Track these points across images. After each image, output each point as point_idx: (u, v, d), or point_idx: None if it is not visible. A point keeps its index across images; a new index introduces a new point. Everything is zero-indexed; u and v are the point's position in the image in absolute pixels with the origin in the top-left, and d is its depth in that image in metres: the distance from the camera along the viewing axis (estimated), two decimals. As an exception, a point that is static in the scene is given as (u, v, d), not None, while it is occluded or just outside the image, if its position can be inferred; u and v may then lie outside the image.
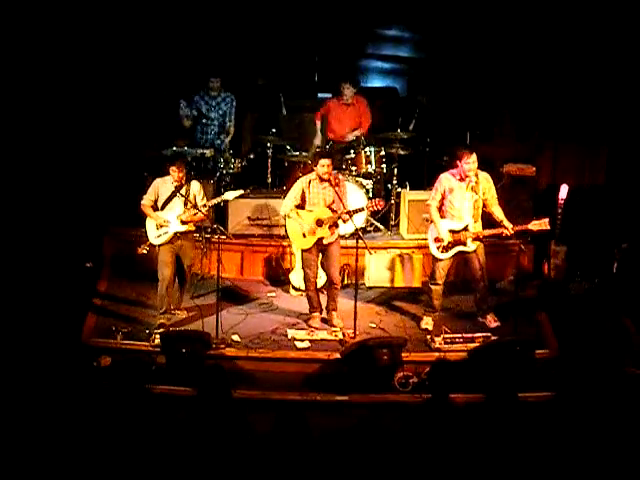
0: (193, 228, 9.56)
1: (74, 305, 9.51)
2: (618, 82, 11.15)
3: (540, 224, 9.24)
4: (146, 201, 9.44)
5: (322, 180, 9.35)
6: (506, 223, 9.24)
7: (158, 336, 8.94)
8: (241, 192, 9.76)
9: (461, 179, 9.31)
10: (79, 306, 9.56)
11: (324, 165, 9.29)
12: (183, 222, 9.36)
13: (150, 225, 9.44)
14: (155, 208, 9.47)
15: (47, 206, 10.52)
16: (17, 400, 7.71)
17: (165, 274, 9.37)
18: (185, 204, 9.35)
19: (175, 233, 9.36)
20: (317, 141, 11.41)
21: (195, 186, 9.45)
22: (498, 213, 9.33)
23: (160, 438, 6.79)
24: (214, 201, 9.65)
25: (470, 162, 9.19)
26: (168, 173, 9.36)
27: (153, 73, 11.78)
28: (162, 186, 9.41)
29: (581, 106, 11.32)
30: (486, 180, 9.37)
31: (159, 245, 9.39)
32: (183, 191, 9.35)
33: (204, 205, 9.39)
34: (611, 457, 7.04)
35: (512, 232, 9.20)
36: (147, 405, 7.10)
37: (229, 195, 9.64)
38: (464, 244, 9.34)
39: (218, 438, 6.64)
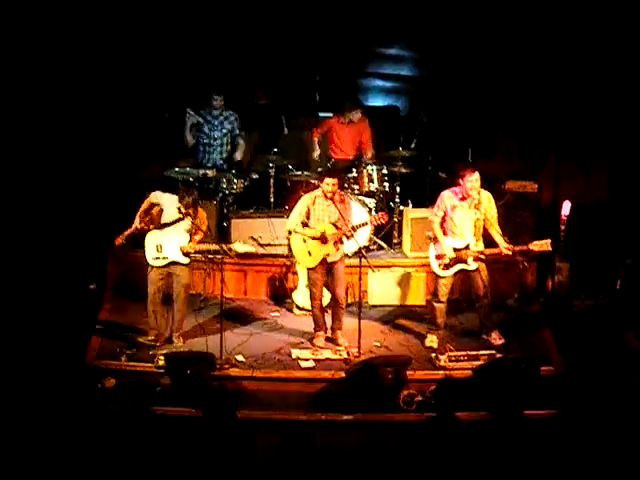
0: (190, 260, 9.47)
1: (78, 327, 9.50)
2: (618, 97, 11.17)
3: (541, 245, 9.22)
4: (152, 197, 9.40)
5: (327, 197, 9.37)
6: (503, 245, 9.23)
7: (162, 357, 8.92)
8: (252, 250, 9.58)
9: (463, 197, 9.33)
10: (83, 328, 9.55)
11: (329, 184, 9.31)
12: (185, 254, 9.32)
13: (150, 244, 9.36)
14: (155, 222, 9.42)
15: (51, 228, 10.53)
16: (21, 422, 7.69)
17: (152, 292, 9.37)
18: (191, 233, 9.29)
19: (174, 262, 9.35)
20: (315, 155, 11.43)
21: (202, 215, 9.42)
22: (496, 234, 9.32)
23: (165, 459, 6.77)
24: (222, 246, 9.53)
25: (472, 180, 9.21)
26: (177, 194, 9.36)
27: (155, 94, 11.82)
28: (168, 204, 9.33)
29: (582, 122, 11.33)
30: (488, 200, 9.39)
31: (154, 267, 9.37)
32: (194, 221, 9.28)
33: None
34: (618, 474, 7.02)
35: (511, 253, 9.22)
36: (152, 426, 7.08)
37: (238, 247, 9.43)
38: (465, 262, 9.34)
39: (223, 459, 6.63)
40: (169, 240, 9.32)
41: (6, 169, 10.62)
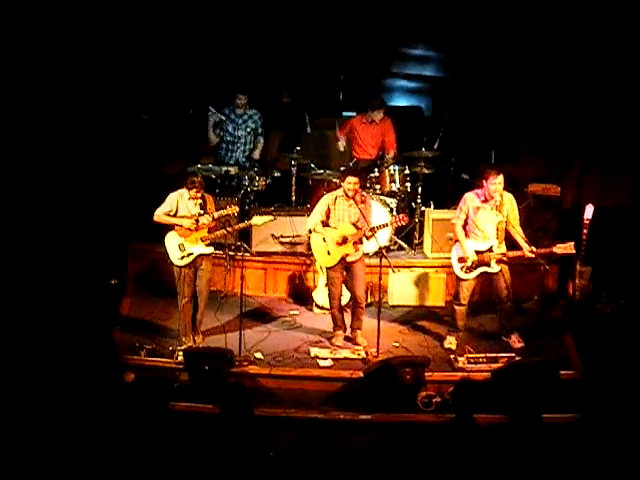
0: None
1: (99, 322, 9.52)
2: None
3: (565, 247, 9.19)
4: (160, 212, 9.32)
5: (348, 197, 9.37)
6: (526, 247, 9.19)
7: (181, 353, 8.95)
8: (270, 218, 9.70)
9: (486, 199, 9.30)
10: (104, 323, 9.57)
11: (351, 183, 9.31)
12: (207, 244, 9.33)
13: (172, 245, 9.34)
14: (168, 227, 9.43)
15: (72, 224, 10.57)
16: (39, 415, 7.72)
17: (185, 292, 9.36)
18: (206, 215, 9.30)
19: (200, 254, 9.37)
20: (340, 146, 11.42)
21: (210, 201, 9.44)
22: (518, 236, 9.29)
23: (182, 455, 6.79)
24: (241, 225, 9.67)
25: (496, 183, 9.18)
26: (182, 187, 9.33)
27: (179, 91, 11.85)
28: (180, 201, 9.34)
29: (607, 125, 11.26)
30: (510, 202, 9.35)
31: (182, 266, 9.37)
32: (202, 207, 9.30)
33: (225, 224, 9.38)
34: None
35: (534, 256, 9.17)
36: (170, 422, 7.10)
37: (257, 220, 9.58)
38: (488, 265, 9.31)
39: (240, 456, 6.63)
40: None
41: (30, 165, 10.66)
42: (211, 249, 9.37)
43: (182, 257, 9.32)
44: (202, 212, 9.27)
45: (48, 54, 10.73)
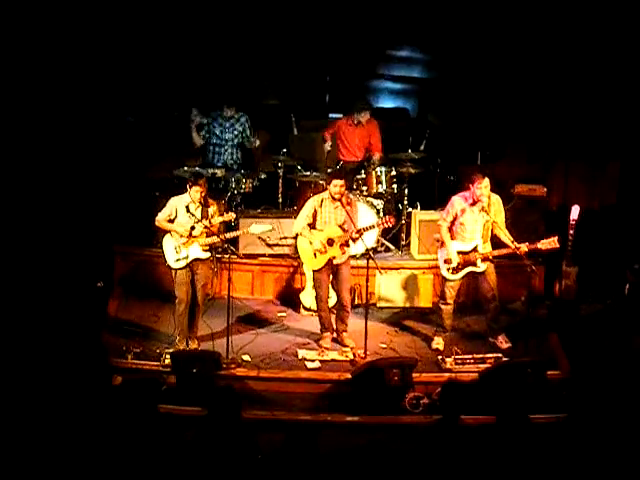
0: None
1: (86, 325, 9.50)
2: (629, 101, 11.15)
3: (549, 242, 9.23)
4: (161, 217, 9.31)
5: (334, 200, 9.37)
6: (516, 245, 9.22)
7: (169, 356, 8.93)
8: (269, 227, 9.69)
9: (473, 202, 9.32)
10: (91, 325, 9.55)
11: (337, 185, 9.31)
12: (204, 249, 9.29)
13: (168, 247, 9.31)
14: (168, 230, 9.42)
15: (59, 226, 10.55)
16: (26, 419, 7.70)
17: (182, 295, 9.32)
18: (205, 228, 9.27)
19: (196, 258, 9.34)
20: (327, 146, 11.40)
21: (213, 208, 9.41)
22: (506, 238, 9.30)
23: (169, 458, 6.77)
24: (238, 232, 9.66)
25: (482, 187, 9.21)
26: (185, 192, 9.29)
27: (164, 92, 11.84)
28: (180, 206, 9.30)
29: (592, 126, 11.31)
30: (497, 203, 9.38)
31: (178, 269, 9.35)
32: (202, 211, 9.27)
33: (224, 236, 9.37)
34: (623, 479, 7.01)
35: (527, 249, 9.17)
36: (157, 425, 7.08)
37: (255, 229, 9.54)
38: (474, 264, 9.33)
39: (227, 459, 6.62)
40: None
41: (16, 169, 10.64)
42: (207, 254, 9.34)
43: (177, 259, 9.28)
44: (199, 218, 9.21)
45: (34, 57, 10.72)
